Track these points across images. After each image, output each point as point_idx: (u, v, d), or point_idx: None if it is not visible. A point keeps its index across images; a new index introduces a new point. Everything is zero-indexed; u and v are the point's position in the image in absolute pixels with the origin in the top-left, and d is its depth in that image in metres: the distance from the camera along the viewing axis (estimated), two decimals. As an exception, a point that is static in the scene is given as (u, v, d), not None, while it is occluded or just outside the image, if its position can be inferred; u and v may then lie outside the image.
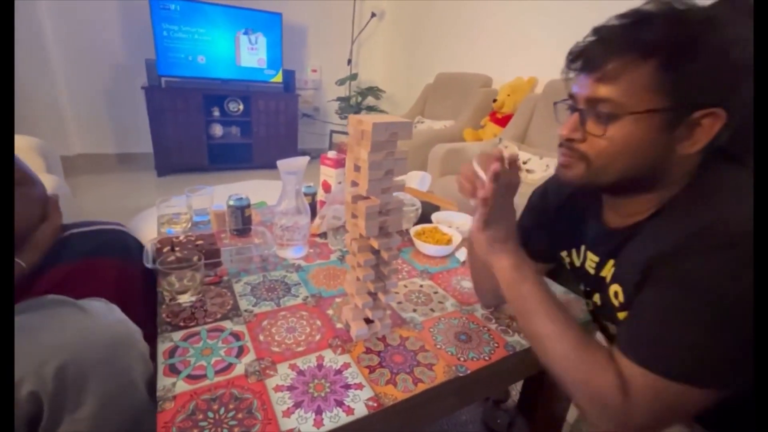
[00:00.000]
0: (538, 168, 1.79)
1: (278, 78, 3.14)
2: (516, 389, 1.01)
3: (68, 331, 0.52)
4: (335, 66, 3.57)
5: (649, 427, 0.43)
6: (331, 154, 1.15)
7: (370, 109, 3.56)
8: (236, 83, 3.02)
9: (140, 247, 0.83)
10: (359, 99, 3.52)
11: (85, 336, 0.53)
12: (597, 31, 0.45)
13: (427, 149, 2.03)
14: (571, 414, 0.90)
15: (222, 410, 0.48)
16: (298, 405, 0.50)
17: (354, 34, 3.52)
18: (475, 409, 1.01)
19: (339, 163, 1.13)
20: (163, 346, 0.58)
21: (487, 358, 0.62)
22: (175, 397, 0.49)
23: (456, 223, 1.08)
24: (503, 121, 2.27)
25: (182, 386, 0.51)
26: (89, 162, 2.88)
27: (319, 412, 0.49)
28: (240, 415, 0.48)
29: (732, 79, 0.40)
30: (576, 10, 1.95)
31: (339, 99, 3.54)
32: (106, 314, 0.59)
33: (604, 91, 0.43)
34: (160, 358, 0.56)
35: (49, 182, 1.38)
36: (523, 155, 1.88)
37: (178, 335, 0.61)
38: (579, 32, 0.48)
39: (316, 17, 3.37)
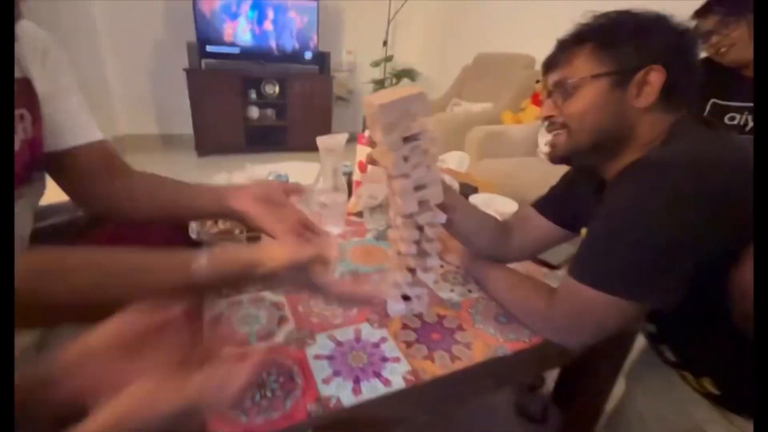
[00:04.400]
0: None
1: (314, 60, 3.14)
2: (551, 377, 0.98)
3: None
4: (370, 47, 3.53)
5: (569, 329, 0.56)
6: (368, 133, 1.14)
7: (405, 91, 3.50)
8: (272, 66, 3.06)
9: None
10: (394, 81, 3.47)
11: None
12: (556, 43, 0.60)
13: (463, 132, 1.98)
14: (610, 404, 0.86)
15: (264, 373, 0.50)
16: (336, 373, 0.51)
17: (390, 15, 3.45)
18: (506, 394, 0.99)
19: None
20: (209, 313, 0.61)
21: (526, 340, 0.60)
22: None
23: (495, 206, 1.05)
24: (545, 104, 2.17)
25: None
26: (135, 142, 3.03)
27: (357, 381, 0.50)
28: (281, 379, 0.49)
29: (659, 44, 0.52)
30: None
31: (373, 81, 3.51)
32: None
33: (562, 73, 0.57)
34: (208, 326, 0.58)
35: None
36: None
37: (223, 303, 0.63)
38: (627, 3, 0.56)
39: (352, -2, 3.33)
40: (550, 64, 0.60)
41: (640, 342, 0.78)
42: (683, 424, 0.66)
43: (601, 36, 0.54)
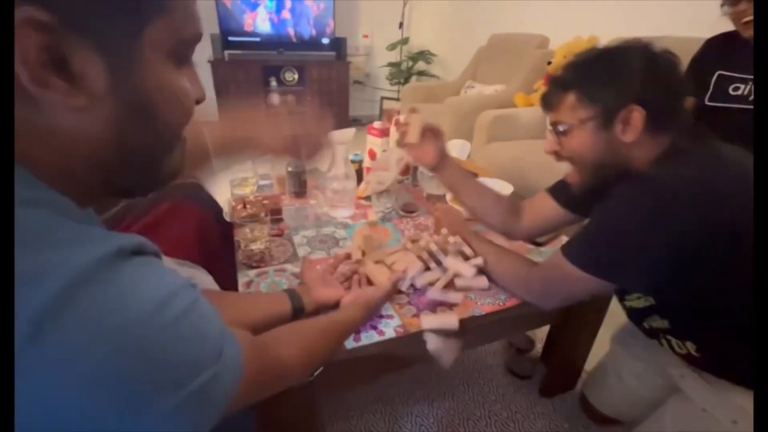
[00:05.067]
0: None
1: (330, 46, 3.22)
2: (541, 343, 1.11)
3: None
4: (386, 31, 3.56)
5: (543, 292, 0.67)
6: (377, 124, 1.25)
7: (421, 74, 3.54)
8: (291, 53, 3.16)
9: (212, 197, 0.93)
10: (410, 64, 3.51)
11: None
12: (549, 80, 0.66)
13: (475, 115, 2.05)
14: (590, 364, 0.98)
15: (287, 325, 0.64)
16: (342, 326, 0.65)
17: (405, -4, 3.46)
18: (499, 355, 1.12)
19: (384, 133, 1.24)
20: (242, 279, 0.76)
21: (501, 304, 0.72)
22: (254, 315, 0.66)
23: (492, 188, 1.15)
24: (556, 85, 2.19)
25: (258, 308, 0.68)
26: (168, 131, 3.24)
27: (358, 332, 0.64)
28: (300, 329, 0.63)
29: (634, 81, 0.56)
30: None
31: (390, 64, 3.56)
32: None
33: (556, 116, 0.64)
34: (241, 288, 0.73)
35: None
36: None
37: (252, 273, 0.78)
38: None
39: (367, -19, 3.35)
40: (545, 104, 0.66)
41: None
42: (658, 379, 0.77)
43: (580, 84, 0.60)
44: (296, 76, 3.20)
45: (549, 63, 2.26)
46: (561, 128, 0.63)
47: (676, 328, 0.66)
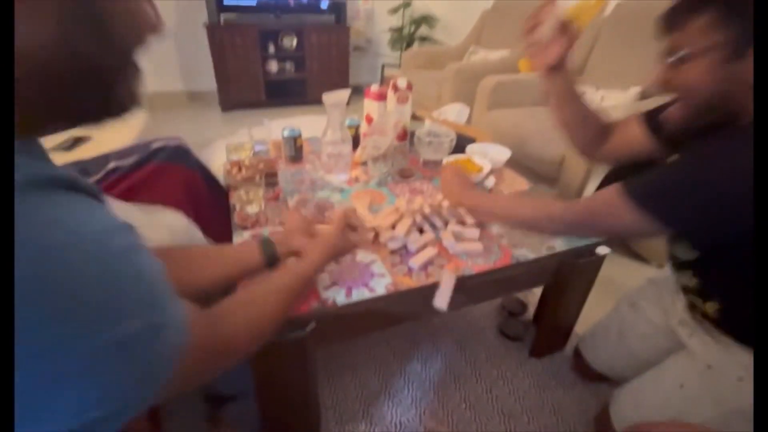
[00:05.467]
0: (594, 101, 1.71)
1: (330, 10, 3.10)
2: (533, 305, 1.13)
3: None
4: (387, -7, 3.41)
5: (579, 224, 0.63)
6: (375, 87, 1.23)
7: (423, 39, 3.43)
8: (289, 17, 3.05)
9: (198, 160, 0.91)
10: (412, 29, 3.39)
11: None
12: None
13: (478, 81, 1.99)
14: (580, 327, 1.01)
15: (280, 282, 0.66)
16: (334, 283, 0.66)
17: (408, -45, 3.29)
18: (492, 318, 1.15)
19: (381, 96, 1.21)
20: (237, 240, 0.77)
21: (491, 264, 0.73)
22: (248, 272, 0.68)
23: (490, 154, 1.14)
24: (562, 50, 2.12)
25: (252, 266, 0.70)
26: (163, 100, 3.19)
27: (350, 289, 0.65)
28: (293, 286, 0.65)
29: None
30: None
31: (391, 29, 3.44)
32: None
33: (675, 40, 0.54)
34: (236, 248, 0.74)
35: (140, 118, 1.63)
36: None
37: (247, 234, 0.79)
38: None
39: (368, -62, 3.18)
40: (668, 22, 0.55)
41: (642, 278, 0.90)
42: (662, 342, 0.79)
43: (722, 2, 0.49)
44: (294, 42, 3.11)
45: (555, 26, 2.17)
46: (681, 54, 0.53)
47: (705, 289, 0.65)
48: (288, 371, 0.67)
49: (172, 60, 3.15)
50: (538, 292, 1.09)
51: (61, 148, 1.32)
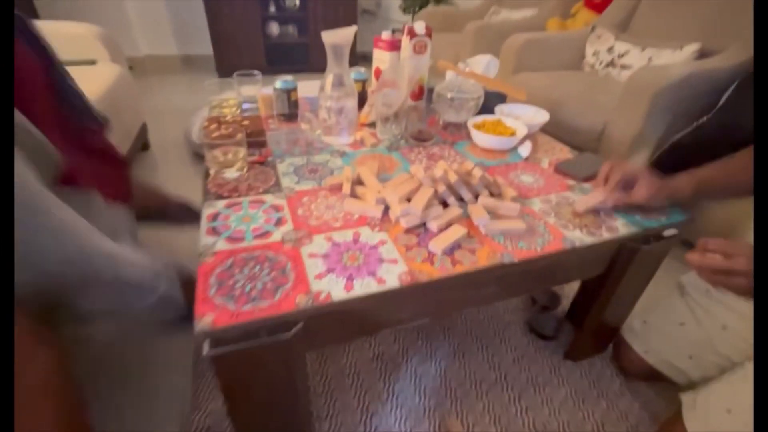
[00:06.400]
0: (637, 62, 1.48)
1: (336, -35, 2.83)
2: (568, 299, 0.95)
3: None
4: (400, -51, 3.11)
5: None
6: (385, 34, 1.02)
7: (439, 1, 3.14)
8: (292, -26, 2.79)
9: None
10: (426, -10, 3.10)
11: None
12: None
13: (500, 43, 1.76)
14: (628, 325, 0.83)
15: (257, 267, 0.49)
16: (330, 271, 0.49)
17: None
18: (518, 313, 0.98)
19: (393, 46, 1.01)
20: (207, 211, 0.59)
21: (537, 249, 0.55)
22: (215, 254, 0.51)
23: (524, 117, 0.94)
24: (601, 6, 1.86)
25: (222, 245, 0.52)
26: (156, 63, 2.98)
27: (350, 278, 0.48)
28: (273, 273, 0.48)
29: None
30: None
31: (403, -9, 3.15)
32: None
33: None
34: (204, 221, 0.57)
35: (114, 72, 1.43)
36: (620, 46, 1.56)
37: (221, 203, 0.62)
38: None
39: None
40: None
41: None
42: (746, 330, 0.64)
43: None
44: (297, 2, 2.85)
45: (591, -19, 1.91)
46: None
47: None
48: (267, 380, 0.50)
49: (165, 21, 2.92)
50: (575, 282, 0.91)
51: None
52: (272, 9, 2.82)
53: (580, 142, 1.34)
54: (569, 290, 0.98)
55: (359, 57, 3.20)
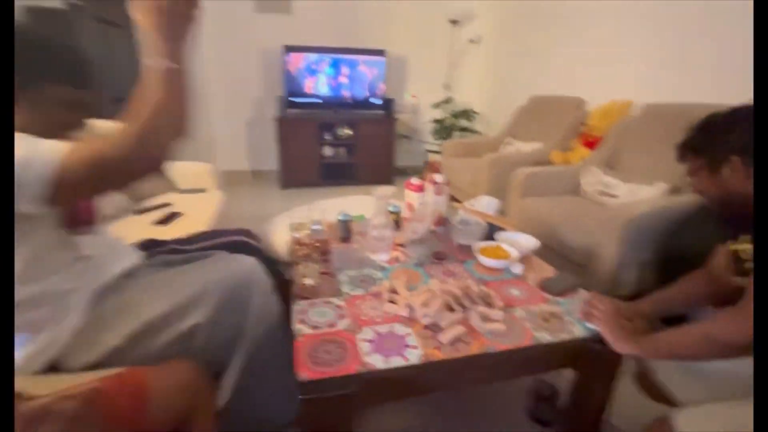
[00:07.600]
0: (623, 193, 1.82)
1: (381, 106, 3.58)
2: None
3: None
4: (432, 89, 3.88)
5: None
6: (415, 180, 1.44)
7: (464, 130, 3.77)
8: (344, 111, 3.55)
9: (257, 246, 1.15)
10: (453, 121, 3.77)
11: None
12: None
13: (511, 170, 2.18)
14: (617, 419, 1.01)
15: (330, 345, 0.79)
16: (374, 350, 0.78)
17: (451, 60, 3.79)
18: (521, 400, 1.17)
19: (420, 188, 1.42)
20: (296, 308, 0.93)
21: (514, 344, 0.82)
22: (304, 335, 0.82)
23: (517, 242, 1.26)
24: (593, 144, 2.30)
25: (307, 330, 0.84)
26: (230, 177, 3.68)
27: (387, 356, 0.77)
28: (339, 350, 0.78)
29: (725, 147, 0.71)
30: (670, 33, 1.92)
31: (434, 121, 3.84)
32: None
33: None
34: (295, 316, 0.90)
35: (218, 196, 1.96)
36: (607, 180, 1.91)
37: (305, 303, 0.95)
38: (674, 54, 0.83)
39: (416, 48, 3.75)
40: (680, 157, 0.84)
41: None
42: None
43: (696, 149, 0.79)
44: (348, 132, 3.56)
45: (582, 124, 2.38)
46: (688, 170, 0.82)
47: None
48: (332, 423, 0.77)
49: (242, 144, 3.70)
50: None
51: (156, 223, 1.62)
52: (327, 137, 3.53)
53: (576, 258, 1.62)
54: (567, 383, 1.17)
55: (396, 171, 3.79)
